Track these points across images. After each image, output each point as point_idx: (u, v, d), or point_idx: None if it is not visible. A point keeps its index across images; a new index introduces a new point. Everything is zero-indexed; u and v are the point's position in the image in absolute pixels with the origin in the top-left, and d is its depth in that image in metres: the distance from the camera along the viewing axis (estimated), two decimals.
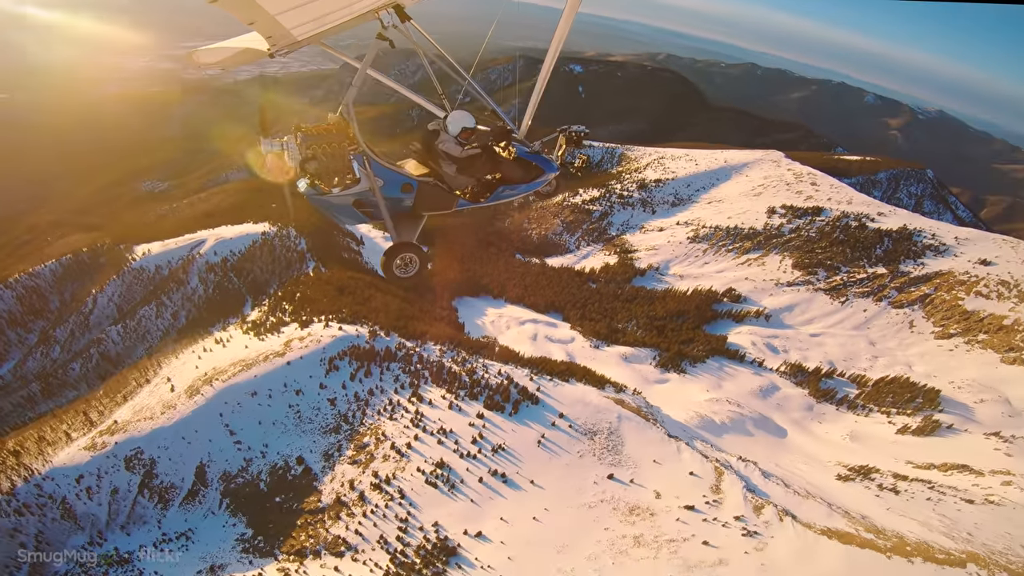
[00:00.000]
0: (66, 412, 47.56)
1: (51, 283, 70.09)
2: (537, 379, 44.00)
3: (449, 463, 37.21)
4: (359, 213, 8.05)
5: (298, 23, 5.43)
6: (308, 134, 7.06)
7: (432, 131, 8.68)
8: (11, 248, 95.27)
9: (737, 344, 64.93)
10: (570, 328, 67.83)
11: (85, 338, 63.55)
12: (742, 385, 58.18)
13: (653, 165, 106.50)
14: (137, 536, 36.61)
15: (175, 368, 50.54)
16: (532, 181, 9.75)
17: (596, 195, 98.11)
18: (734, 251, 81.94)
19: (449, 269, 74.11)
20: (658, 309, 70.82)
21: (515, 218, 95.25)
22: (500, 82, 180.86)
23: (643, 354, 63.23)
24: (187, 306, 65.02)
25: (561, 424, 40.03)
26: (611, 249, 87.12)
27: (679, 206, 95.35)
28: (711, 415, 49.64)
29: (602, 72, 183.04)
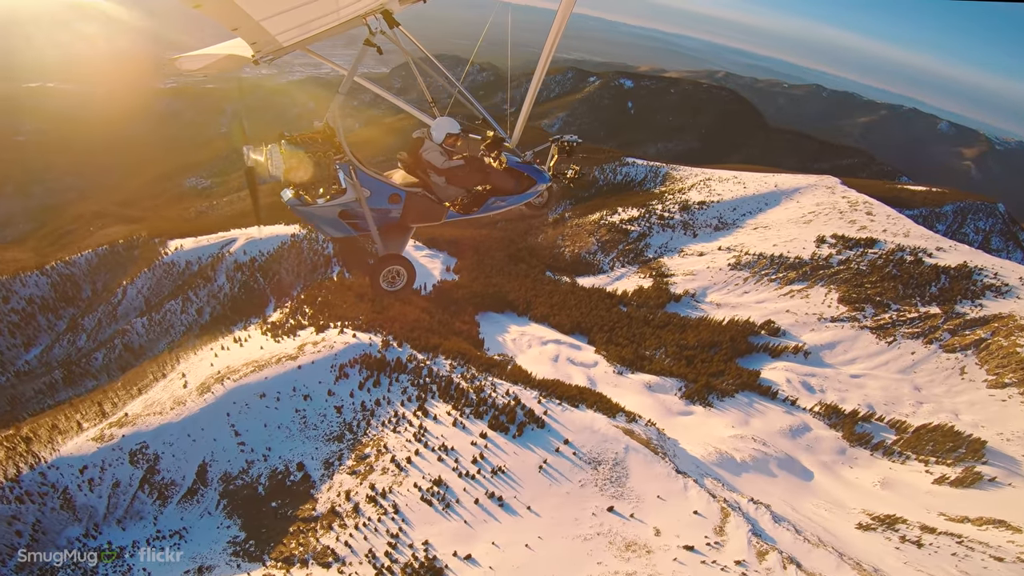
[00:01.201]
0: (83, 401, 49.60)
1: (85, 272, 73.41)
2: (545, 402, 43.73)
3: (447, 481, 37.27)
4: (345, 224, 7.92)
5: (283, 29, 5.42)
6: (292, 142, 6.93)
7: (417, 139, 8.56)
8: (55, 236, 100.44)
9: (771, 380, 63.22)
10: (594, 352, 67.12)
11: (111, 328, 66.21)
12: (771, 423, 56.56)
13: (698, 186, 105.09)
14: (132, 531, 37.77)
15: (192, 364, 52.16)
16: (523, 192, 9.49)
17: (635, 215, 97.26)
18: (777, 281, 79.93)
19: (475, 282, 74.51)
20: (690, 338, 69.56)
21: (548, 234, 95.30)
22: (546, 93, 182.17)
23: (668, 384, 62.11)
24: (212, 303, 67.08)
25: (565, 451, 39.65)
26: (646, 272, 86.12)
27: (722, 230, 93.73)
28: (732, 452, 48.36)
29: (654, 88, 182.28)
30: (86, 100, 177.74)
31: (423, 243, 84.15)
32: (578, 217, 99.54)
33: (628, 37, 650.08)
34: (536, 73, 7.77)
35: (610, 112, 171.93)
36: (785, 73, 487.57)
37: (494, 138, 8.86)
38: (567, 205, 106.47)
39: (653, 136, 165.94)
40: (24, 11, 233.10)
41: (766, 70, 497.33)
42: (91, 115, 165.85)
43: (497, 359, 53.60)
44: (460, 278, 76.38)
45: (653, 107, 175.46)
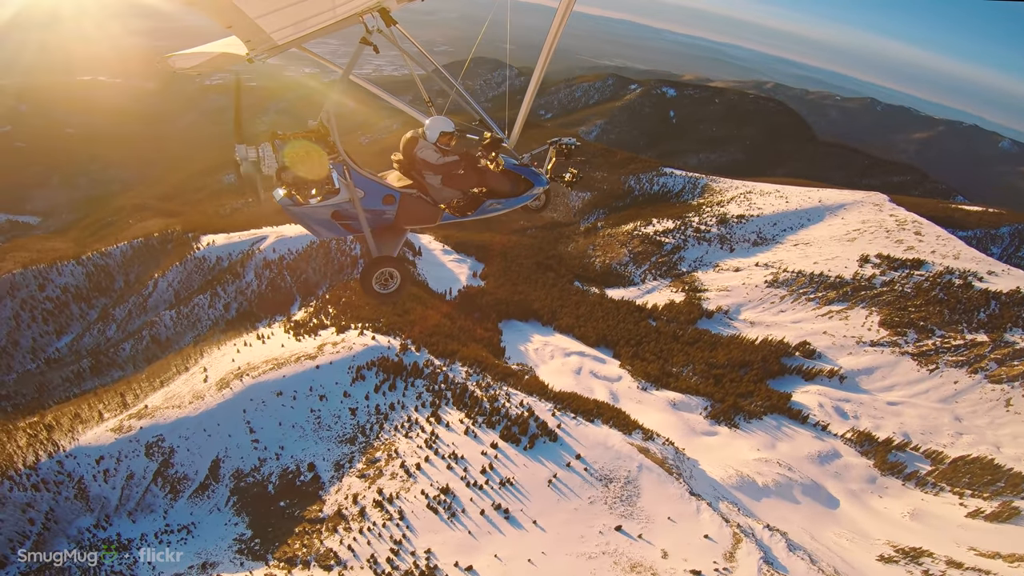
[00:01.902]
0: (107, 391, 51.11)
1: (120, 263, 75.75)
2: (560, 415, 43.39)
3: (454, 490, 37.23)
4: (337, 225, 7.88)
5: (278, 27, 5.41)
6: (285, 141, 6.96)
7: (411, 139, 8.52)
8: (96, 227, 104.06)
9: (802, 404, 61.70)
10: (619, 366, 66.40)
11: (140, 319, 68.12)
12: (799, 448, 55.16)
13: (738, 199, 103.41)
14: (142, 524, 38.67)
15: (214, 359, 53.26)
16: (520, 195, 9.48)
17: (670, 226, 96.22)
18: (815, 301, 78.01)
19: (501, 289, 74.60)
20: (719, 356, 68.41)
21: (579, 243, 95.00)
22: (585, 100, 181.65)
23: (694, 403, 61.08)
24: (239, 299, 68.42)
25: (576, 466, 39.23)
26: (679, 286, 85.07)
27: (761, 246, 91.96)
28: (754, 476, 47.24)
29: (698, 97, 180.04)
30: (136, 94, 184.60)
31: (451, 247, 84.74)
32: (611, 227, 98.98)
33: (673, 45, 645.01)
34: (535, 73, 7.81)
35: (650, 121, 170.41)
36: (838, 85, 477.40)
37: (492, 139, 8.87)
38: (600, 214, 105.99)
39: (695, 147, 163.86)
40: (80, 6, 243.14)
41: (818, 82, 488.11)
42: (140, 109, 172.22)
43: (515, 369, 53.47)
44: (486, 284, 76.60)
45: (696, 117, 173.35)
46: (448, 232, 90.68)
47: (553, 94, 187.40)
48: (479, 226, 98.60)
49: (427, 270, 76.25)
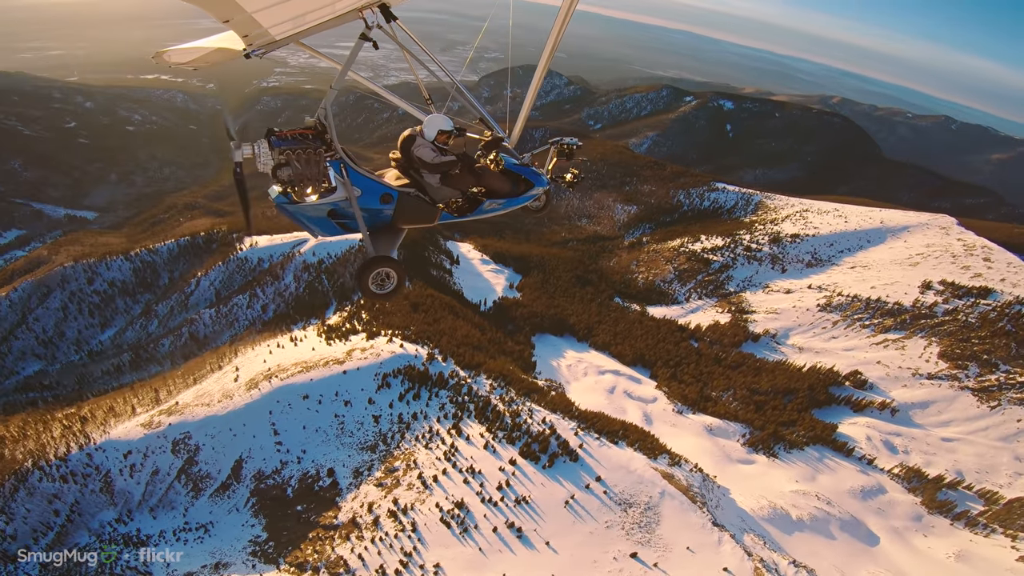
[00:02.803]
0: (143, 386, 53.18)
1: (166, 260, 79.00)
2: (583, 435, 43.07)
3: (469, 505, 37.35)
4: (333, 224, 7.84)
5: (276, 22, 5.42)
6: (281, 138, 6.92)
7: (409, 137, 8.48)
8: (147, 224, 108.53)
9: (848, 436, 59.66)
10: (655, 387, 65.57)
11: (181, 317, 70.79)
12: (841, 481, 53.36)
13: (793, 218, 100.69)
14: (162, 520, 40.08)
15: (247, 359, 54.90)
16: (520, 195, 9.36)
17: (719, 244, 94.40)
18: (871, 328, 75.24)
19: (537, 302, 74.59)
20: (763, 382, 66.73)
21: (622, 258, 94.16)
22: (636, 111, 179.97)
23: (732, 429, 59.81)
24: (277, 301, 70.40)
25: (595, 488, 38.85)
26: (725, 306, 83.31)
27: (815, 267, 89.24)
28: (788, 508, 45.89)
29: (757, 111, 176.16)
30: (195, 94, 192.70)
31: (490, 257, 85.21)
32: (656, 242, 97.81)
33: (735, 57, 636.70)
34: (537, 72, 7.77)
35: (705, 134, 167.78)
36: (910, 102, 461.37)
37: (493, 137, 8.75)
38: (646, 229, 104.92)
39: (752, 162, 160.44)
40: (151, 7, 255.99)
41: (888, 98, 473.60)
42: (198, 109, 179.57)
43: (542, 385, 53.33)
44: (522, 296, 76.73)
45: (754, 131, 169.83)
46: (488, 242, 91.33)
47: (603, 104, 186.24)
48: (519, 237, 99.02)
49: (463, 279, 76.92)
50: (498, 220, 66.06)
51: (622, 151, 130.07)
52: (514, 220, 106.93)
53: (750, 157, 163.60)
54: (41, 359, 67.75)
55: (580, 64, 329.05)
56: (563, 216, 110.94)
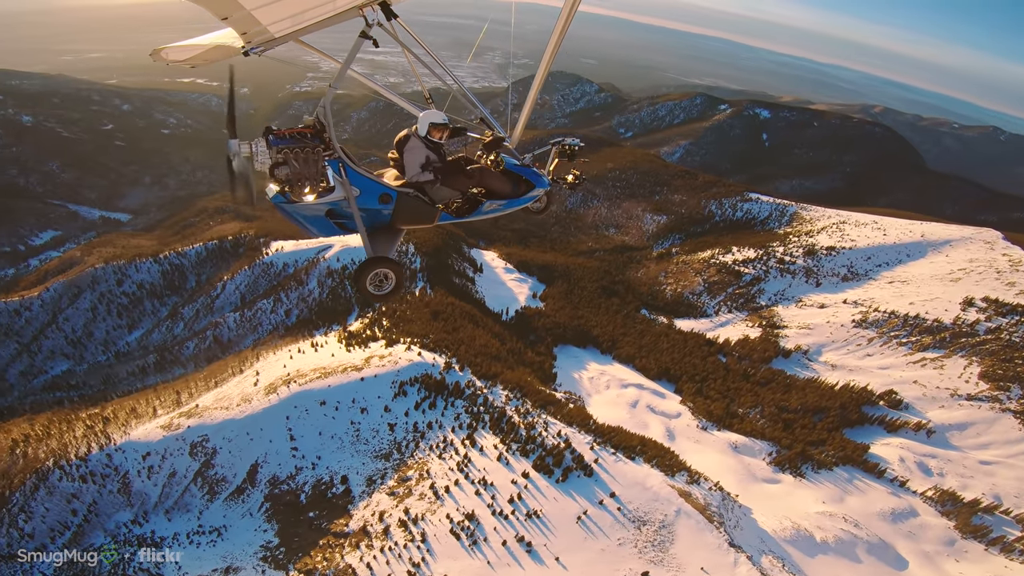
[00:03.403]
0: (165, 388, 54.75)
1: (194, 264, 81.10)
2: (599, 450, 42.98)
3: (479, 517, 37.57)
4: (331, 224, 7.88)
5: (276, 19, 5.46)
6: (280, 136, 6.96)
7: (404, 137, 8.55)
8: (178, 227, 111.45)
9: (880, 457, 58.29)
10: (680, 402, 64.94)
11: (206, 320, 72.57)
12: (870, 503, 52.18)
13: (830, 230, 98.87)
14: (177, 523, 41.11)
15: (268, 363, 56.09)
16: (521, 196, 9.43)
17: (751, 256, 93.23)
18: (908, 346, 73.47)
19: (560, 312, 74.55)
20: (793, 400, 65.60)
21: (650, 269, 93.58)
22: (669, 119, 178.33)
23: (758, 447, 58.93)
24: (300, 306, 71.68)
25: (609, 504, 38.73)
26: (756, 321, 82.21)
27: (851, 281, 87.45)
28: (812, 530, 45.06)
29: (794, 120, 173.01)
30: None
31: (514, 266, 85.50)
32: (686, 253, 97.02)
33: (772, 65, 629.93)
34: (539, 71, 7.84)
35: (740, 143, 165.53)
36: (956, 112, 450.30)
37: (493, 138, 8.88)
38: (675, 239, 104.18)
39: (788, 172, 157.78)
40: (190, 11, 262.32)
41: (933, 107, 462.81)
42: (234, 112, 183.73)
43: (560, 397, 53.28)
44: (545, 306, 76.79)
45: (791, 141, 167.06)
46: (512, 250, 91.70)
47: (634, 112, 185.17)
48: (544, 246, 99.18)
49: (486, 288, 77.34)
50: (524, 228, 66.45)
51: (652, 160, 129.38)
52: (540, 228, 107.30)
53: (787, 167, 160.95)
54: (69, 359, 70.10)
55: (612, 71, 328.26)
56: (590, 225, 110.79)
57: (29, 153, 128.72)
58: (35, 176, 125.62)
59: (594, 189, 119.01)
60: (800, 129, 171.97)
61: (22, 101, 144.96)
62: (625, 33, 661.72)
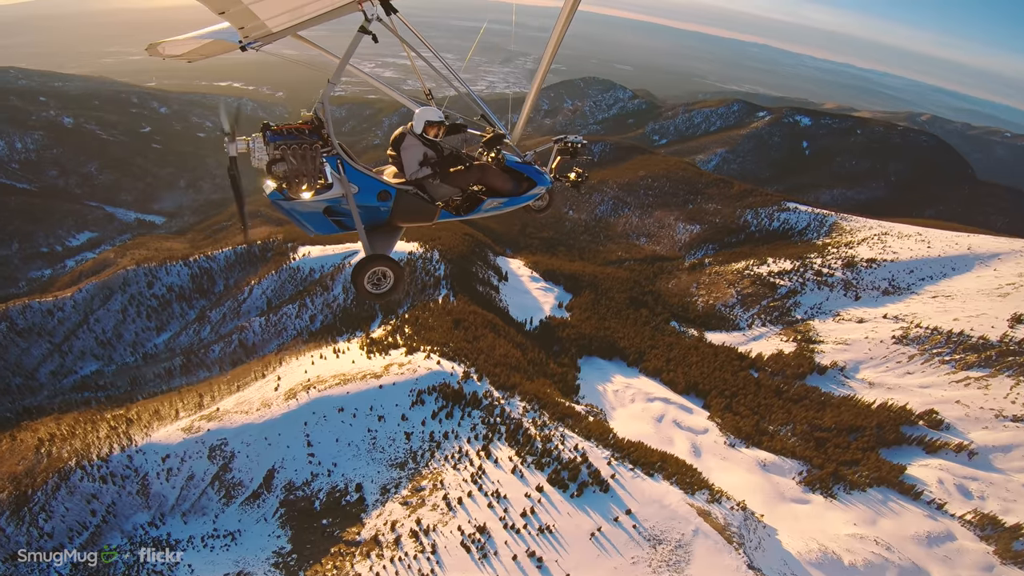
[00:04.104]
0: (189, 391, 56.17)
1: (222, 267, 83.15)
2: (616, 465, 42.75)
3: (491, 530, 37.73)
4: (329, 221, 7.88)
5: (273, 13, 5.49)
6: (277, 132, 7.04)
7: (400, 135, 8.56)
8: (211, 231, 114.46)
9: (917, 478, 56.78)
10: (707, 417, 64.23)
11: (232, 324, 74.27)
12: (904, 526, 50.86)
13: (871, 241, 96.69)
14: (193, 526, 42.15)
15: (290, 368, 57.17)
16: (522, 194, 9.37)
17: (787, 267, 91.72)
18: (951, 364, 71.42)
19: (586, 323, 74.38)
20: (827, 418, 64.33)
21: (682, 280, 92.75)
22: (705, 126, 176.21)
23: (787, 466, 57.95)
24: (325, 312, 72.89)
25: (625, 521, 38.52)
26: (790, 335, 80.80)
27: (892, 295, 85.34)
28: (840, 553, 44.20)
29: (836, 127, 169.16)
30: (264, 102, 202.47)
31: (540, 275, 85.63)
32: (719, 264, 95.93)
33: (814, 72, 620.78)
34: (540, 67, 7.81)
35: (780, 151, 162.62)
36: (1008, 120, 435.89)
37: (494, 134, 8.83)
38: (709, 250, 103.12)
39: (829, 181, 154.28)
40: None
41: (984, 115, 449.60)
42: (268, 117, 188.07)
43: (580, 410, 53.03)
44: (571, 316, 76.70)
45: (833, 149, 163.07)
46: (539, 259, 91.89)
47: (669, 119, 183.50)
48: (572, 254, 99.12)
49: (510, 297, 77.61)
50: (553, 237, 66.78)
51: (686, 167, 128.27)
52: (568, 237, 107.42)
53: (828, 176, 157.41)
54: (99, 359, 72.45)
55: (647, 77, 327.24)
56: (620, 234, 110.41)
57: (69, 155, 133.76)
58: (74, 178, 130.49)
59: (625, 197, 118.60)
60: (842, 137, 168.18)
61: (64, 103, 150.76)
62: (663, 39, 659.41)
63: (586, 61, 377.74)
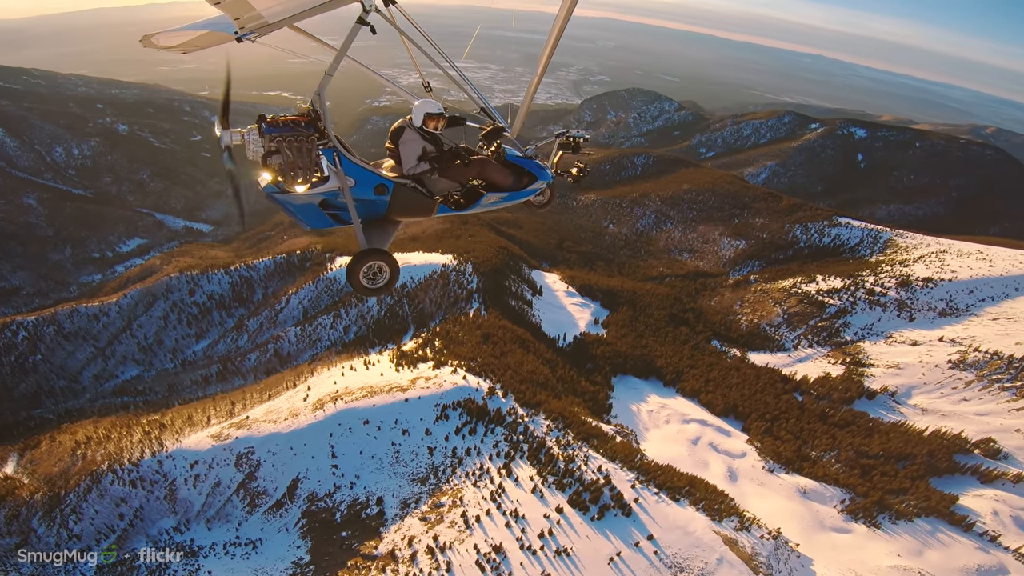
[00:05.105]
0: (223, 399, 58.04)
1: (262, 277, 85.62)
2: (640, 488, 42.46)
3: (507, 550, 37.89)
4: (325, 215, 7.87)
5: (269, 4, 5.51)
6: (273, 124, 7.03)
7: (398, 128, 8.61)
8: (255, 240, 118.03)
9: (970, 509, 54.63)
10: (746, 441, 63.09)
11: (268, 333, 76.39)
12: (953, 558, 49.08)
13: (927, 259, 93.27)
14: (216, 533, 43.48)
15: (320, 379, 58.59)
16: (522, 189, 9.33)
17: (837, 285, 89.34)
18: (1012, 391, 68.48)
19: (622, 340, 73.96)
20: (874, 445, 62.51)
21: (725, 297, 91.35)
22: (754, 139, 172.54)
23: (829, 493, 56.50)
24: (359, 323, 74.37)
25: (646, 547, 38.19)
26: (839, 357, 78.70)
27: (950, 317, 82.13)
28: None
29: (893, 140, 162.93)
30: None
31: (576, 290, 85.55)
32: (765, 281, 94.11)
33: (870, 83, 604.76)
34: (541, 61, 7.72)
35: (832, 165, 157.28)
36: None
37: (493, 127, 8.93)
38: (754, 266, 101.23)
39: (885, 196, 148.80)
40: None
41: None
42: None
43: (607, 430, 52.68)
44: (607, 333, 76.38)
45: (890, 163, 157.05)
46: (576, 273, 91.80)
47: (716, 131, 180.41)
48: (611, 269, 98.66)
49: (543, 312, 77.71)
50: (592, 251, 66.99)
51: (732, 181, 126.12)
52: (608, 251, 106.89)
53: (884, 191, 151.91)
54: (139, 364, 75.38)
55: (695, 88, 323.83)
56: (662, 249, 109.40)
57: (123, 162, 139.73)
58: (127, 184, 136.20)
59: (668, 211, 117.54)
60: (900, 150, 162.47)
61: (120, 110, 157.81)
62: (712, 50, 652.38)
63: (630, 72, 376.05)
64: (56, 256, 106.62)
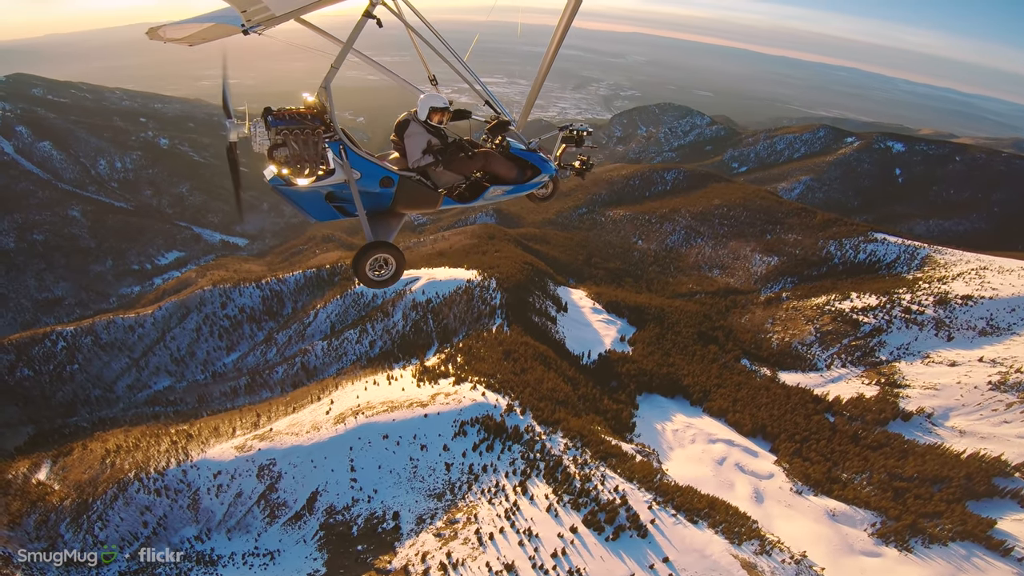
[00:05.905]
0: (249, 411, 59.48)
1: (292, 291, 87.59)
2: (657, 510, 42.26)
3: (519, 569, 38.07)
4: (330, 208, 8.01)
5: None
6: (279, 117, 7.16)
7: (403, 121, 8.76)
8: (287, 254, 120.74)
9: (1008, 534, 52.81)
10: (774, 462, 62.17)
11: (296, 346, 78.05)
12: None
13: (967, 276, 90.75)
14: (236, 543, 44.56)
15: (344, 393, 59.70)
16: (526, 182, 9.51)
17: (873, 303, 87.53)
18: None
19: (648, 358, 73.61)
20: (908, 467, 61.04)
21: (756, 315, 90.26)
22: (788, 153, 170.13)
23: (859, 516, 55.28)
24: (384, 338, 75.52)
25: (660, 569, 38.01)
26: (873, 377, 77.03)
27: (990, 336, 79.64)
28: None
29: (932, 154, 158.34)
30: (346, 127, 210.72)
31: (602, 306, 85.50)
32: (798, 299, 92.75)
33: (909, 96, 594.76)
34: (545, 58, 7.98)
35: (869, 179, 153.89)
36: None
37: (498, 120, 9.09)
38: (787, 283, 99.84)
39: (924, 211, 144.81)
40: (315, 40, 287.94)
41: None
42: None
43: (628, 449, 52.50)
44: (633, 351, 76.04)
45: (929, 177, 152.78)
46: (602, 289, 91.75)
47: (749, 146, 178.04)
48: (639, 286, 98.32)
49: (568, 328, 77.80)
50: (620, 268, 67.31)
51: (765, 196, 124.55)
52: (636, 268, 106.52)
53: (923, 206, 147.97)
54: (171, 375, 77.76)
55: (728, 103, 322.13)
56: (691, 265, 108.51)
57: (163, 175, 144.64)
58: (167, 198, 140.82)
59: (698, 227, 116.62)
60: (939, 164, 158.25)
61: (162, 124, 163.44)
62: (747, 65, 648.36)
63: (662, 87, 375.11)
64: (98, 268, 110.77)
